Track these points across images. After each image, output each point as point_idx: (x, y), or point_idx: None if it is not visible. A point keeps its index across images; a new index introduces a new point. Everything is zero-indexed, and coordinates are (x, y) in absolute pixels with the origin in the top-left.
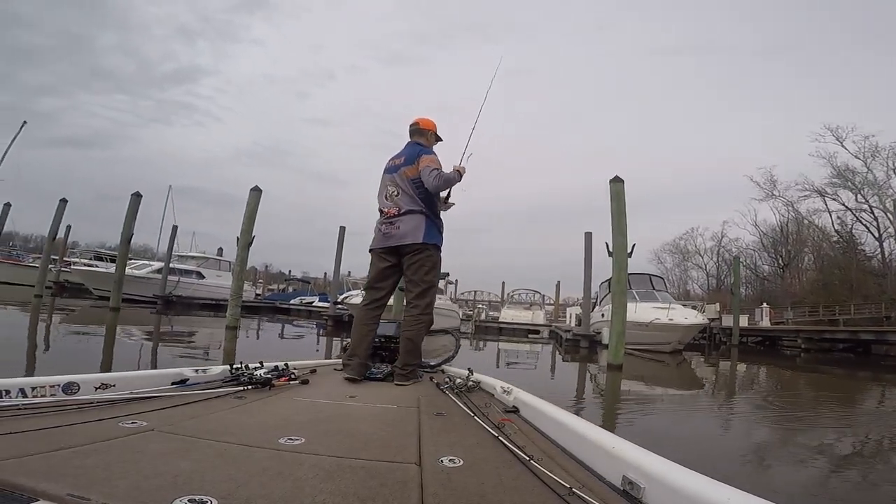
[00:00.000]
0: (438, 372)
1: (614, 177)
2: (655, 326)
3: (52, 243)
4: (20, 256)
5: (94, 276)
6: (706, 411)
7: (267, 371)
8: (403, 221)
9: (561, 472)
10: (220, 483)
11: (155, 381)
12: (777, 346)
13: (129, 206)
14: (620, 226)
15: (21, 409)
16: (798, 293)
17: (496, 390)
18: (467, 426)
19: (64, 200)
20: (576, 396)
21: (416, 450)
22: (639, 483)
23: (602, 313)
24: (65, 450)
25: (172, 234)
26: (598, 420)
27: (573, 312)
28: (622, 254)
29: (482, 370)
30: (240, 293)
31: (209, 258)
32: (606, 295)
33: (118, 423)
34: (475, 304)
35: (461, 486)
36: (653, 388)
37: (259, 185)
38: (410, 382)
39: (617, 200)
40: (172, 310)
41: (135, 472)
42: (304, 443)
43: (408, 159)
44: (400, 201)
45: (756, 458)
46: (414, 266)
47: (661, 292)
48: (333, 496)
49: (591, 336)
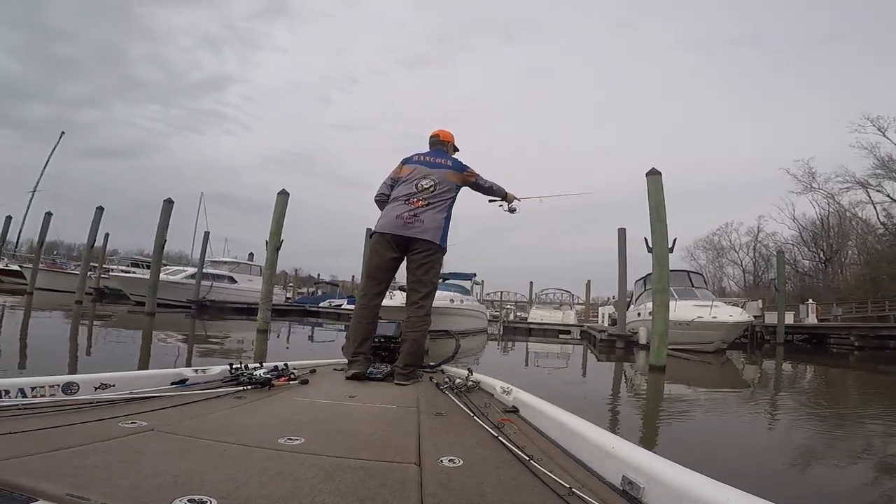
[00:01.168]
0: (438, 372)
1: (651, 169)
2: (697, 325)
3: (91, 251)
4: (63, 264)
5: (131, 282)
6: (764, 416)
7: (266, 371)
8: (428, 217)
9: (560, 472)
10: (220, 483)
11: (154, 381)
12: (825, 344)
13: (161, 213)
14: (660, 219)
15: (20, 409)
16: (843, 288)
17: (496, 390)
18: (467, 426)
19: (100, 208)
20: (613, 400)
21: (416, 450)
22: (638, 483)
23: (638, 312)
24: (64, 450)
25: (204, 240)
26: (639, 426)
27: (605, 312)
28: (662, 249)
29: (511, 371)
30: (270, 297)
31: (240, 263)
32: (642, 293)
33: (118, 423)
34: (502, 304)
35: (461, 486)
36: (701, 390)
37: (286, 189)
38: (411, 382)
39: (655, 193)
40: (206, 314)
41: (134, 472)
42: (303, 443)
43: (455, 165)
44: (432, 197)
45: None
46: (425, 266)
47: (701, 289)
48: (333, 496)
49: (627, 336)
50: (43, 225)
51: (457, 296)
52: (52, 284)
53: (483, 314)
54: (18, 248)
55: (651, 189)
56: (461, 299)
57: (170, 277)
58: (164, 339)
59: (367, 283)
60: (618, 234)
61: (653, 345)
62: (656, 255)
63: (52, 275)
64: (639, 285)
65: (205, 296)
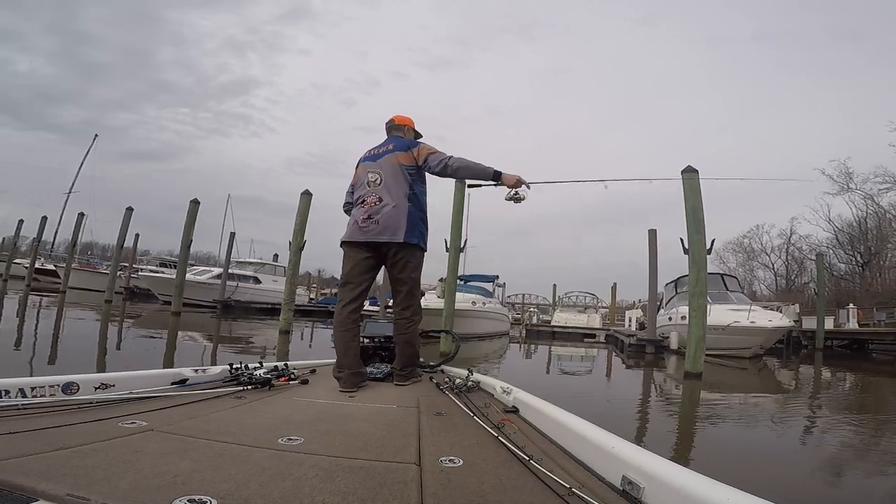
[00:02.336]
0: (438, 372)
1: (686, 167)
2: (734, 330)
3: (121, 251)
4: (96, 264)
5: (159, 281)
6: (818, 427)
7: (266, 371)
8: (385, 216)
9: (560, 472)
10: (220, 483)
11: (154, 382)
12: (865, 350)
13: (188, 213)
14: (697, 220)
15: (20, 409)
16: (882, 292)
17: (496, 390)
18: (467, 426)
19: (130, 209)
20: (648, 409)
21: (416, 450)
22: (638, 483)
23: (669, 317)
24: (64, 450)
25: (230, 241)
26: (677, 437)
27: (633, 316)
28: (700, 251)
29: (533, 374)
30: (292, 297)
31: (265, 264)
32: (673, 297)
33: (118, 423)
34: (524, 306)
35: (461, 486)
36: (743, 398)
37: (309, 190)
38: (410, 382)
39: (691, 192)
40: (231, 314)
41: (134, 472)
42: (303, 443)
43: (398, 146)
44: (382, 190)
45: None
46: (399, 264)
47: (736, 293)
48: (333, 496)
49: (657, 341)
50: (76, 225)
51: (479, 298)
52: (85, 284)
53: (506, 317)
54: (55, 248)
55: (687, 187)
56: (483, 301)
57: (196, 278)
58: (189, 338)
59: (341, 290)
60: (648, 236)
61: (689, 350)
62: (693, 257)
63: (85, 274)
64: (669, 288)
65: (230, 296)
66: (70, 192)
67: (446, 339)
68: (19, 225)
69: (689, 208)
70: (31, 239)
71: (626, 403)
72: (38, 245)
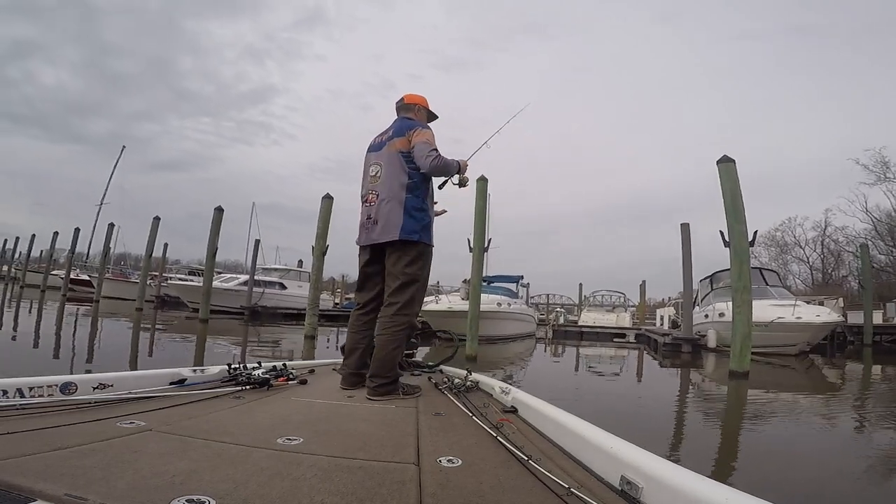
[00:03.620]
0: (437, 372)
1: (722, 156)
2: (779, 326)
3: (150, 260)
4: (129, 273)
5: (187, 289)
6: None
7: (265, 371)
8: (383, 213)
9: (559, 471)
10: (219, 483)
11: (153, 382)
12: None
13: (212, 221)
14: (736, 209)
15: (19, 410)
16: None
17: (495, 390)
18: (466, 426)
19: (157, 218)
20: (692, 410)
21: (415, 450)
22: (637, 483)
23: (706, 314)
24: (62, 450)
25: (255, 248)
26: (734, 442)
27: (665, 314)
28: (742, 243)
29: (564, 376)
30: (317, 302)
31: (290, 270)
32: (709, 293)
33: (116, 424)
34: (548, 307)
35: (460, 486)
36: (795, 399)
37: (330, 194)
38: (382, 399)
39: (729, 182)
40: (258, 320)
41: (133, 473)
42: (302, 443)
43: (397, 131)
44: (381, 186)
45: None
46: (393, 258)
47: (777, 288)
48: (332, 496)
49: (694, 339)
50: (107, 236)
51: (504, 299)
52: (118, 293)
53: (532, 318)
54: (89, 259)
55: (724, 178)
56: (508, 302)
57: (223, 285)
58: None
59: (355, 295)
60: (680, 230)
61: (734, 348)
62: (735, 250)
63: (118, 284)
64: (704, 284)
65: (256, 302)
66: (101, 204)
67: (471, 343)
68: (54, 237)
69: (728, 197)
70: (67, 250)
71: (673, 406)
72: (72, 256)
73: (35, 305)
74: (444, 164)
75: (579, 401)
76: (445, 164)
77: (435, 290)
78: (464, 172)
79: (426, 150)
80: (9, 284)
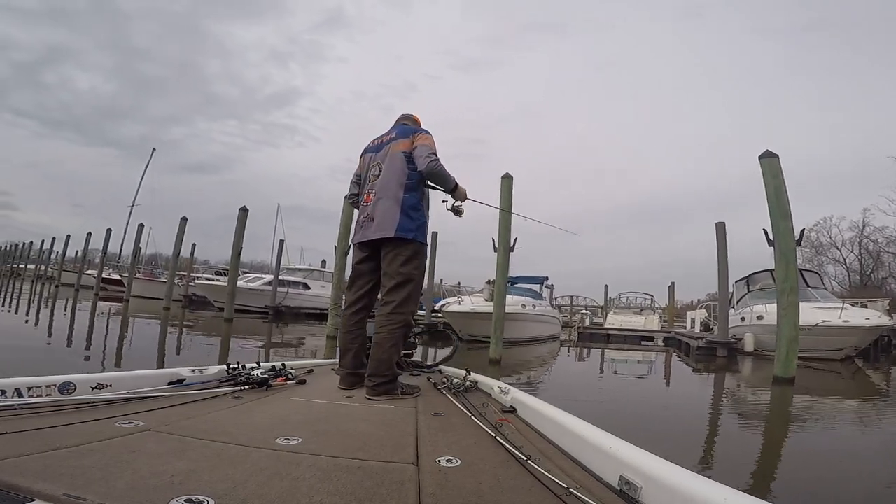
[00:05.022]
0: (436, 372)
1: (764, 151)
2: (823, 330)
3: (177, 260)
4: (159, 273)
5: (214, 289)
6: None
7: (264, 371)
8: (380, 211)
9: (558, 471)
10: (217, 483)
11: (151, 382)
12: None
13: (237, 221)
14: (781, 205)
15: (17, 409)
16: None
17: (494, 390)
18: (465, 426)
19: (184, 219)
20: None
21: (414, 450)
22: (636, 483)
23: (742, 317)
24: (61, 450)
25: (280, 248)
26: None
27: (696, 317)
28: (788, 242)
29: (591, 380)
30: (339, 302)
31: (314, 270)
32: (745, 295)
33: (115, 424)
34: (572, 309)
35: (459, 486)
36: (848, 405)
37: None
38: (383, 399)
39: (773, 178)
40: (282, 319)
41: (131, 473)
42: (301, 443)
43: (401, 133)
44: (379, 184)
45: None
46: (388, 257)
47: (819, 290)
48: (331, 496)
49: (730, 343)
50: (136, 236)
51: (528, 300)
52: (147, 292)
53: (556, 319)
54: (121, 259)
55: (767, 173)
56: (533, 304)
57: (249, 285)
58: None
59: (347, 294)
60: (716, 229)
61: (779, 353)
62: (780, 249)
63: (147, 283)
64: (739, 286)
65: (281, 302)
66: (133, 206)
67: (495, 345)
68: (88, 238)
69: (772, 193)
70: (100, 251)
71: (716, 414)
72: (104, 256)
73: (69, 304)
74: (442, 170)
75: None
76: (443, 170)
77: (456, 291)
78: (461, 199)
79: (426, 153)
80: (45, 284)
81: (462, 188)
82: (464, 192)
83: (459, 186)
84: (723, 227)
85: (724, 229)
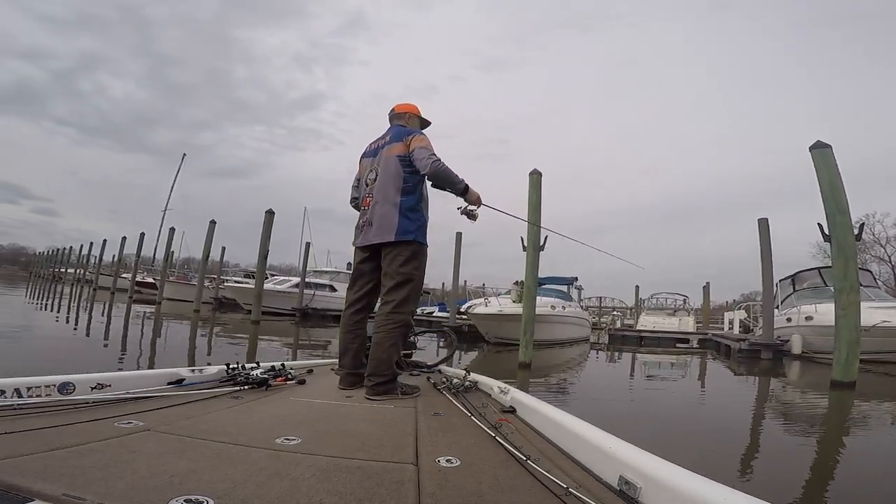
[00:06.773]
0: (435, 372)
1: (815, 142)
2: (883, 331)
3: (207, 262)
4: (190, 276)
5: (242, 291)
6: None
7: (263, 371)
8: (377, 215)
9: (558, 471)
10: (217, 483)
11: (151, 382)
12: None
13: (264, 224)
14: (837, 198)
15: (16, 410)
16: None
17: (493, 390)
18: (464, 426)
19: (213, 222)
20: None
21: (413, 450)
22: (635, 483)
23: (788, 317)
24: (60, 450)
25: (306, 251)
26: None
27: (734, 317)
28: (847, 237)
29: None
30: None
31: (340, 272)
32: (790, 295)
33: (114, 424)
34: (600, 310)
35: (458, 486)
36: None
37: None
38: (383, 398)
39: (827, 170)
40: (309, 321)
41: (131, 473)
42: (300, 443)
43: (394, 137)
44: (376, 189)
45: None
46: (388, 258)
47: (872, 288)
48: (330, 496)
49: (776, 345)
50: (168, 240)
51: (557, 302)
52: (179, 295)
53: (586, 321)
54: (155, 262)
55: (820, 165)
56: (562, 305)
57: (276, 287)
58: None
59: (347, 295)
60: (758, 226)
61: (838, 356)
62: (838, 245)
63: (179, 286)
64: (784, 285)
65: (307, 304)
66: (166, 210)
67: (524, 349)
68: (122, 242)
69: (826, 185)
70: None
71: (784, 422)
72: (137, 260)
73: (105, 307)
74: (446, 169)
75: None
76: (447, 170)
77: (482, 293)
78: (475, 203)
79: (426, 154)
80: (84, 287)
81: (475, 191)
82: (476, 194)
83: (471, 189)
84: (766, 224)
85: (766, 226)
